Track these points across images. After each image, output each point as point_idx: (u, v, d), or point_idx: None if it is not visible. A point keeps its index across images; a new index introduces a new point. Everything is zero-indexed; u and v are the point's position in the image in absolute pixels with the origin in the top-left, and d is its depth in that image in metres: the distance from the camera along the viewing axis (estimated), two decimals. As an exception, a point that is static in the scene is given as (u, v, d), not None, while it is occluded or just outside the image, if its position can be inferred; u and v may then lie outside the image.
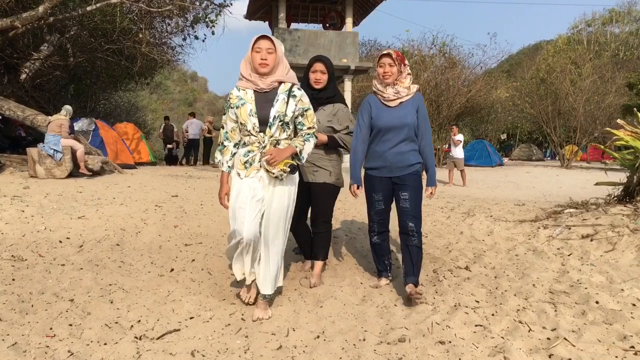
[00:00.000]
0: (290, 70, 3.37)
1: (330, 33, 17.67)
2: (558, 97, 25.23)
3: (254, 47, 3.20)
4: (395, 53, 3.71)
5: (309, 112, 3.38)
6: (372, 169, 3.88)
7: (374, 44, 31.58)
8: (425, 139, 3.76)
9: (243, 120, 3.25)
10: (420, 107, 3.75)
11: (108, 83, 20.39)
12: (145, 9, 13.40)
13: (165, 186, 8.96)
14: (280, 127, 3.28)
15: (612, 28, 48.90)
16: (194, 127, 17.93)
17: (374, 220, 3.96)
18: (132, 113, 27.94)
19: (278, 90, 3.29)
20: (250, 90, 3.28)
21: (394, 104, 3.73)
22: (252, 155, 3.28)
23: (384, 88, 3.76)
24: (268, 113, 3.24)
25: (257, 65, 3.19)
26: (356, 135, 3.87)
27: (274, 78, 3.25)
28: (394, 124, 3.70)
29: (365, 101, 3.86)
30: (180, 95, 78.35)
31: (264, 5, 18.84)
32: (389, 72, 3.71)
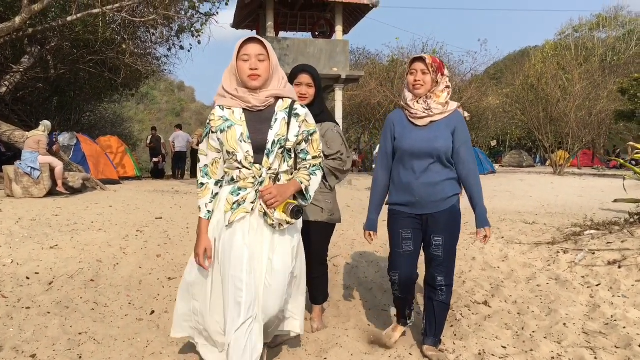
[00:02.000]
0: (288, 82, 2.65)
1: (320, 41, 17.26)
2: (549, 103, 25.03)
3: (240, 53, 2.47)
4: (431, 58, 2.96)
5: (315, 137, 2.66)
6: (397, 205, 3.07)
7: (362, 52, 31.31)
8: (467, 167, 2.96)
9: (231, 147, 2.47)
10: (459, 128, 2.96)
11: (92, 95, 19.88)
12: (128, 19, 12.90)
13: (149, 205, 8.44)
14: (280, 155, 2.52)
15: (599, 33, 49.01)
16: (181, 140, 17.44)
17: (398, 266, 3.04)
18: (117, 125, 27.38)
19: (275, 108, 2.55)
20: (238, 109, 2.52)
21: (423, 123, 2.95)
22: (244, 194, 2.49)
23: (413, 102, 2.99)
24: (265, 137, 2.48)
25: (246, 78, 2.47)
26: (379, 161, 3.14)
27: (269, 93, 2.52)
28: (420, 148, 2.92)
29: (389, 118, 3.11)
30: (167, 105, 77.72)
31: (251, 14, 18.41)
32: (420, 81, 2.93)
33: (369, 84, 25.26)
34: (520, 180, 19.09)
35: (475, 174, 2.97)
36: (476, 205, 2.97)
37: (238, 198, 2.49)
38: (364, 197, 12.06)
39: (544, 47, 46.77)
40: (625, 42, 45.27)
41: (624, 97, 23.09)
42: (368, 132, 32.07)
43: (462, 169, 2.97)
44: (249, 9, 17.75)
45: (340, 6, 17.02)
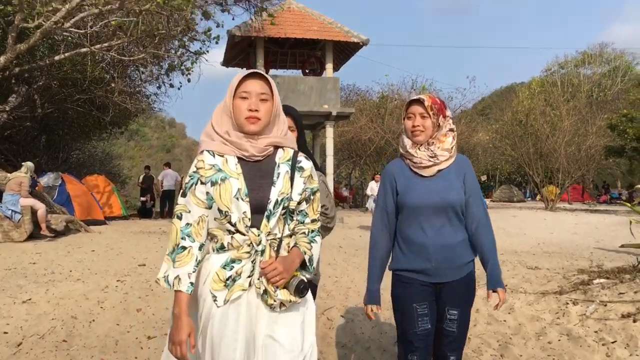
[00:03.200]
0: (289, 130, 2.23)
1: (310, 79, 17.22)
2: (539, 139, 25.12)
3: (239, 90, 2.03)
4: (430, 99, 2.58)
5: (316, 197, 2.22)
6: (409, 272, 2.58)
7: (353, 89, 31.44)
8: (478, 220, 2.57)
9: (224, 206, 1.98)
10: (468, 174, 2.60)
11: (80, 133, 19.63)
12: (117, 58, 12.76)
13: (134, 248, 8.11)
14: (282, 218, 2.08)
15: (585, 70, 49.77)
16: (169, 178, 17.16)
17: (416, 349, 2.54)
18: (106, 162, 27.04)
19: (276, 159, 2.10)
20: (232, 158, 2.04)
21: (430, 173, 2.55)
22: (238, 267, 2.00)
23: (414, 149, 2.58)
24: (266, 195, 2.02)
25: (243, 120, 2.01)
26: (377, 220, 2.67)
27: (269, 140, 2.07)
28: (431, 202, 2.52)
29: (388, 169, 2.69)
30: (158, 141, 77.64)
31: (241, 52, 18.41)
32: (420, 127, 2.54)
33: (359, 120, 25.25)
34: (512, 216, 18.93)
35: (488, 228, 2.59)
36: (488, 262, 2.56)
37: (232, 273, 1.98)
38: (356, 236, 11.77)
39: (531, 83, 47.37)
40: (611, 79, 45.97)
41: (613, 133, 23.19)
42: (359, 167, 31.97)
43: (471, 223, 2.58)
44: (239, 47, 17.74)
45: (331, 44, 17.05)
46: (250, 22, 15.42)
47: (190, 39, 14.17)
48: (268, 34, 15.90)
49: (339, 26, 16.95)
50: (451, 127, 2.61)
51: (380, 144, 25.65)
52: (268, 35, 15.95)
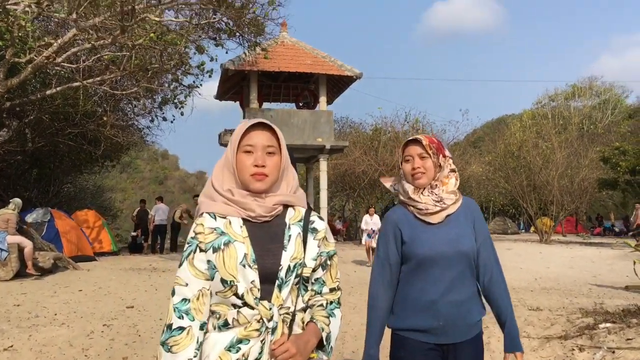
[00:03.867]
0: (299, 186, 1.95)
1: (304, 112, 17.23)
2: (532, 171, 25.19)
3: (242, 143, 1.79)
4: (428, 139, 2.36)
5: (334, 262, 1.94)
6: (413, 331, 2.32)
7: (346, 121, 31.53)
8: (492, 272, 2.35)
9: (229, 275, 1.70)
10: (478, 220, 2.38)
11: (72, 167, 19.48)
12: (109, 92, 12.70)
13: (122, 287, 7.88)
14: (295, 287, 1.80)
15: (575, 102, 50.37)
16: (161, 213, 16.95)
17: None
18: (98, 196, 26.86)
19: (286, 219, 1.83)
20: (236, 219, 1.78)
21: (438, 219, 2.31)
22: (246, 348, 1.70)
23: (417, 194, 2.35)
24: (277, 261, 1.75)
25: (248, 177, 1.77)
26: (377, 274, 2.40)
27: (277, 199, 1.82)
28: (443, 253, 2.26)
29: (390, 218, 2.41)
30: (150, 173, 77.49)
31: (235, 85, 18.45)
32: (420, 169, 2.32)
33: (353, 152, 25.23)
34: (507, 249, 18.79)
35: (502, 281, 2.36)
36: (505, 320, 2.33)
37: (238, 356, 1.69)
38: (351, 272, 11.57)
39: (522, 115, 47.82)
40: (601, 111, 46.49)
41: (606, 166, 23.27)
42: (352, 200, 31.85)
43: (484, 274, 2.34)
44: (232, 81, 17.78)
45: (324, 78, 17.11)
46: (244, 56, 15.47)
47: (184, 73, 14.16)
48: (262, 67, 15.94)
49: (333, 60, 17.04)
50: (452, 168, 2.41)
51: (374, 177, 25.59)
52: (262, 69, 16.00)
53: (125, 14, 9.51)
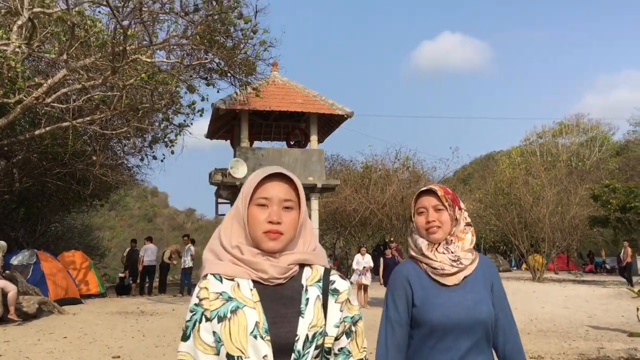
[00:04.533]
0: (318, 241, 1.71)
1: (295, 151, 17.20)
2: (523, 208, 25.25)
3: (256, 195, 1.57)
4: (443, 189, 2.17)
5: (359, 328, 1.72)
6: None
7: (337, 159, 31.58)
8: (513, 342, 2.15)
9: (236, 349, 1.46)
10: (496, 283, 2.18)
11: (60, 206, 19.26)
12: (99, 132, 12.61)
13: (109, 333, 7.63)
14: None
15: (562, 140, 50.97)
16: (150, 253, 16.67)
17: None
18: (85, 235, 26.52)
19: (303, 281, 1.59)
20: (246, 281, 1.54)
21: (454, 281, 2.10)
22: None
23: (430, 250, 2.13)
24: (293, 330, 1.51)
25: (261, 235, 1.54)
26: (386, 338, 2.17)
27: (293, 257, 1.58)
28: (458, 320, 2.05)
29: (400, 274, 2.19)
30: (139, 211, 76.93)
31: (226, 124, 18.43)
32: (436, 222, 2.12)
33: (344, 190, 25.17)
34: (501, 289, 18.62)
35: (520, 349, 2.17)
36: None
37: None
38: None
39: (511, 152, 48.22)
40: (589, 148, 47.00)
41: (596, 203, 23.37)
42: (343, 238, 31.64)
43: (503, 343, 2.14)
44: (223, 120, 17.77)
45: (315, 117, 17.15)
46: (235, 96, 15.50)
47: (175, 112, 14.14)
48: (253, 106, 15.96)
49: (324, 99, 17.12)
50: (468, 222, 2.19)
51: (365, 215, 25.50)
52: (253, 108, 16.01)
53: (116, 54, 9.49)
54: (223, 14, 11.40)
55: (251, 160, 16.10)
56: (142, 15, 9.76)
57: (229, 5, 11.51)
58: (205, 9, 11.23)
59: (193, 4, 11.18)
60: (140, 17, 9.77)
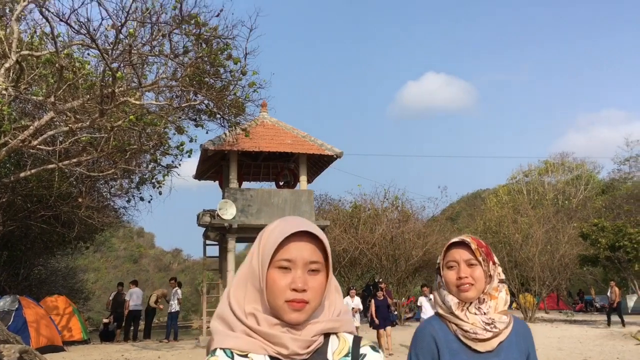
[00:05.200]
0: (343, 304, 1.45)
1: (285, 191, 17.06)
2: (512, 248, 25.24)
3: (277, 257, 1.31)
4: (476, 242, 1.96)
5: None
6: None
7: (325, 198, 31.49)
8: None
9: None
10: (532, 348, 2.00)
11: (44, 249, 18.88)
12: (85, 174, 12.43)
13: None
14: None
15: (548, 178, 51.46)
16: (135, 298, 16.29)
17: None
18: (69, 278, 25.97)
19: (329, 355, 1.35)
20: (262, 357, 1.30)
21: (488, 348, 1.88)
22: None
23: (461, 310, 1.92)
24: None
25: (283, 305, 1.28)
26: None
27: (318, 327, 1.33)
28: None
29: (425, 332, 1.98)
30: (125, 252, 75.84)
31: (214, 165, 18.31)
32: (468, 279, 1.90)
33: (333, 230, 25.02)
34: (494, 330, 18.38)
35: None
36: None
37: None
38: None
39: (498, 190, 48.51)
40: (575, 187, 47.42)
41: (586, 242, 23.36)
42: (333, 279, 31.28)
43: None
44: (212, 161, 17.65)
45: (304, 157, 17.10)
46: (224, 136, 15.44)
47: (163, 153, 14.03)
48: (242, 147, 15.89)
49: (313, 139, 17.10)
50: (502, 278, 1.99)
51: (355, 255, 25.31)
52: (242, 148, 15.94)
53: (105, 97, 9.41)
54: (212, 56, 11.42)
55: (240, 201, 15.93)
56: (131, 57, 9.72)
57: (219, 48, 11.54)
58: (195, 50, 11.25)
59: (182, 46, 11.20)
60: (130, 60, 9.73)
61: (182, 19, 10.21)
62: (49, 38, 9.94)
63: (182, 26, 10.53)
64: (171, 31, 10.49)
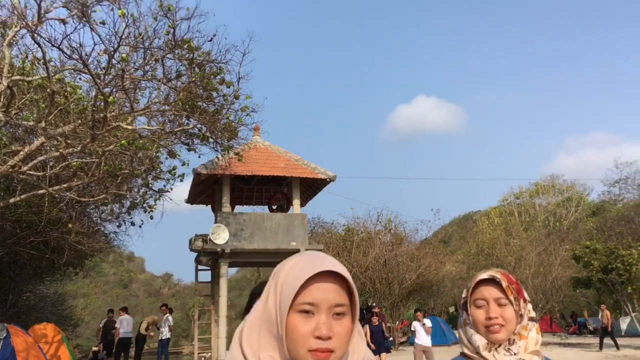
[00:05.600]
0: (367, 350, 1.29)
1: (278, 215, 16.95)
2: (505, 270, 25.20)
3: (298, 300, 1.17)
4: (507, 278, 1.82)
5: None
6: None
7: (318, 221, 31.32)
8: None
9: None
10: None
11: (33, 275, 18.55)
12: (76, 199, 12.27)
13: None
14: None
15: (539, 200, 51.69)
16: (125, 325, 16.00)
17: None
18: (58, 304, 25.52)
19: None
20: None
21: None
22: None
23: (489, 351, 1.79)
24: None
25: (305, 354, 1.14)
26: None
27: None
28: None
29: None
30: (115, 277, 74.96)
31: (207, 189, 18.20)
32: (498, 319, 1.77)
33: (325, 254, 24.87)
34: (489, 355, 18.18)
35: None
36: None
37: None
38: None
39: (490, 212, 48.60)
40: (565, 208, 47.62)
41: (578, 264, 23.35)
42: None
43: None
44: (204, 185, 17.56)
45: (298, 180, 17.05)
46: (217, 160, 15.36)
47: (155, 178, 13.90)
48: (234, 171, 15.81)
49: (306, 163, 17.07)
50: (532, 316, 1.84)
51: (347, 279, 25.12)
52: (235, 172, 15.87)
53: (96, 122, 9.32)
54: (205, 80, 11.39)
55: (232, 225, 15.80)
56: (123, 82, 9.66)
57: (212, 72, 11.52)
58: (188, 75, 11.21)
59: (175, 71, 11.17)
60: (122, 84, 9.67)
61: (175, 43, 10.19)
62: (41, 63, 9.87)
63: (175, 51, 10.50)
64: (164, 56, 10.46)
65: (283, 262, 1.26)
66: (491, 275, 1.81)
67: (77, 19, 8.93)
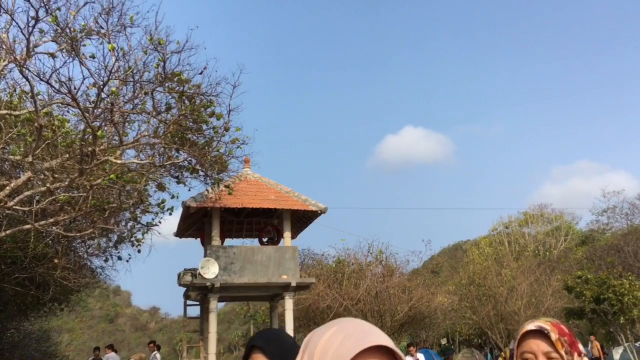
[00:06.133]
0: None
1: (268, 248, 16.71)
2: (498, 301, 25.01)
3: None
4: (557, 329, 1.69)
5: None
6: None
7: (308, 253, 31.02)
8: None
9: None
10: None
11: (17, 311, 18.09)
12: (62, 234, 12.02)
13: None
14: None
15: (528, 229, 51.84)
16: (112, 363, 15.57)
17: None
18: (42, 341, 24.89)
19: None
20: None
21: None
22: None
23: None
24: None
25: None
26: None
27: None
28: None
29: None
30: (100, 311, 73.70)
31: (196, 222, 17.95)
32: None
33: (316, 286, 24.53)
34: (484, 389, 17.86)
35: None
36: None
37: None
38: None
39: (479, 242, 48.60)
40: (555, 238, 47.74)
41: (570, 294, 23.21)
42: (316, 336, 30.53)
43: None
44: (193, 218, 17.30)
45: (288, 213, 16.86)
46: (206, 193, 15.18)
47: (143, 211, 13.69)
48: (224, 204, 15.61)
49: (297, 195, 16.91)
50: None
51: (339, 311, 24.75)
52: (224, 205, 15.66)
53: (85, 155, 9.17)
54: (195, 113, 11.30)
55: (222, 259, 15.53)
56: (113, 116, 9.55)
57: (202, 104, 11.44)
58: (178, 107, 11.12)
59: (165, 103, 11.08)
60: (111, 118, 9.55)
61: (165, 76, 10.12)
62: (29, 97, 9.76)
63: (165, 84, 10.43)
64: (154, 89, 10.38)
65: (315, 332, 1.10)
66: (539, 326, 1.69)
67: (66, 53, 8.85)
